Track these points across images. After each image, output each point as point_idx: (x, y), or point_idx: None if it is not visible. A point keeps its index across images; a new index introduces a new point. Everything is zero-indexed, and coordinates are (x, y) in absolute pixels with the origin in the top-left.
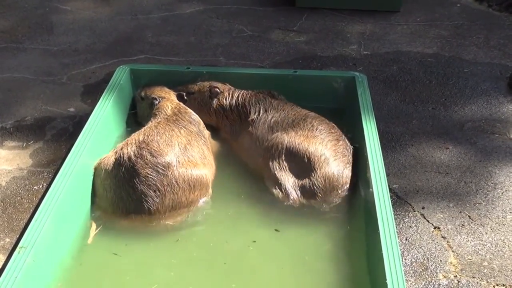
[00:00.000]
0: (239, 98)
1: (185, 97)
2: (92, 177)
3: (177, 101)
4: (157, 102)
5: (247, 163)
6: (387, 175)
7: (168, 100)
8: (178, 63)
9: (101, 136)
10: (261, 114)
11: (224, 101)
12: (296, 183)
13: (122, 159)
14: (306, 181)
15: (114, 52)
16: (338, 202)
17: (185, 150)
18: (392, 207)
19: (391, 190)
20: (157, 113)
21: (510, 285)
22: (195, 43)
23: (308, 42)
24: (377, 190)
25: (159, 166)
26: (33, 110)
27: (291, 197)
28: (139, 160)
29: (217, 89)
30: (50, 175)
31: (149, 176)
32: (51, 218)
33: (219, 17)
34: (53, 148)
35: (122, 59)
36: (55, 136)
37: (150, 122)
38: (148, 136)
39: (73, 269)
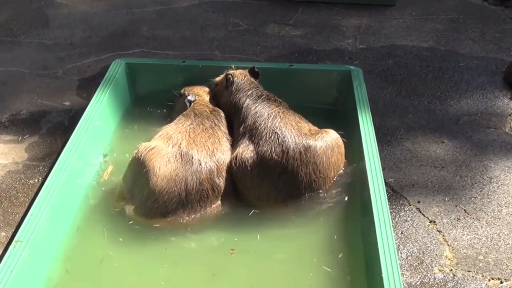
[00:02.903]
0: (238, 103)
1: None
2: (87, 171)
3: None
4: (192, 99)
5: None
6: (383, 169)
7: (203, 101)
8: (174, 57)
9: (97, 130)
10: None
11: (228, 97)
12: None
13: (192, 158)
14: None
15: (109, 46)
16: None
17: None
18: (388, 201)
19: (386, 184)
20: (194, 112)
21: (505, 279)
22: (191, 37)
23: (303, 36)
24: (372, 184)
25: (216, 190)
26: (29, 104)
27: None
28: (209, 174)
29: (230, 76)
30: (46, 169)
31: (203, 190)
32: (46, 212)
33: (214, 11)
34: (49, 142)
35: (117, 53)
36: (51, 130)
37: (190, 118)
38: (215, 153)
39: (69, 262)
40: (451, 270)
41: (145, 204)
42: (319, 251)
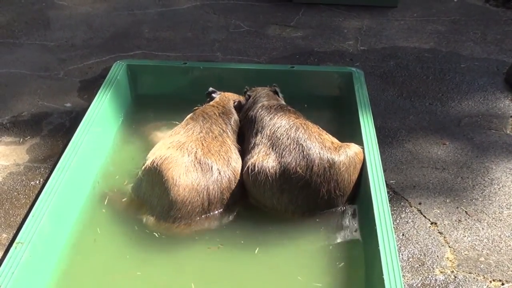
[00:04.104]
0: (252, 113)
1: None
2: (88, 173)
3: (226, 105)
4: (214, 96)
5: None
6: (384, 170)
7: (216, 103)
8: (175, 58)
9: (98, 131)
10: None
11: (245, 109)
12: None
13: (212, 168)
14: None
15: (111, 47)
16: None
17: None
18: (389, 203)
19: (388, 185)
20: (203, 116)
21: (506, 281)
22: (192, 39)
23: (305, 37)
24: (374, 186)
25: (233, 199)
26: (30, 105)
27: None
28: (224, 179)
29: (246, 88)
30: (47, 171)
31: (223, 200)
32: (48, 213)
33: (216, 13)
34: (50, 143)
35: (119, 55)
36: (52, 132)
37: (198, 123)
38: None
39: (71, 264)
40: (452, 271)
41: (168, 214)
42: (318, 251)
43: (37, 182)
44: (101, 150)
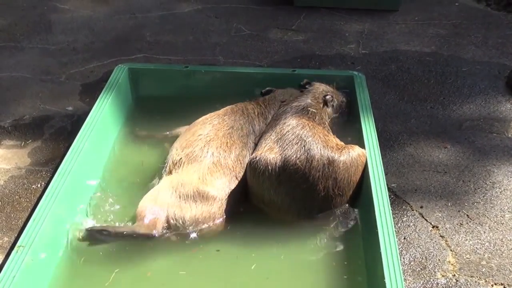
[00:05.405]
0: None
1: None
2: (89, 177)
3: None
4: (267, 93)
5: None
6: (385, 174)
7: (264, 101)
8: (177, 62)
9: (100, 135)
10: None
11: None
12: None
13: (230, 172)
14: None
15: (112, 51)
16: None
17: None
18: (391, 206)
19: (389, 189)
20: (243, 110)
21: (508, 284)
22: (194, 42)
23: (306, 41)
24: (375, 189)
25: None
26: (32, 109)
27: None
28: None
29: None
30: (49, 174)
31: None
32: (49, 217)
33: (217, 16)
34: (52, 147)
35: (120, 58)
36: (54, 135)
37: (233, 117)
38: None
39: (72, 268)
40: (454, 275)
41: (201, 209)
42: (320, 255)
43: (39, 185)
44: (102, 153)
